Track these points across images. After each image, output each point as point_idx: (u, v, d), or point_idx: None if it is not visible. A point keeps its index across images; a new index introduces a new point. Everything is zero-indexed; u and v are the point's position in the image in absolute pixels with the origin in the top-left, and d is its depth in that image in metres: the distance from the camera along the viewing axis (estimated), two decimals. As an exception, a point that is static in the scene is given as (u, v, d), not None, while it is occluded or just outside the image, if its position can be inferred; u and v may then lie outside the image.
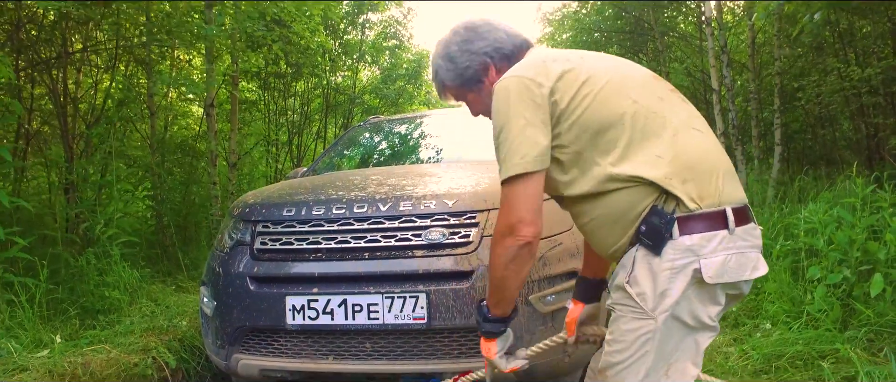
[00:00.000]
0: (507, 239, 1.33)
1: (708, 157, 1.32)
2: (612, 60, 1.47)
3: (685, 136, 1.32)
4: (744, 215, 1.31)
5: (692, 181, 1.27)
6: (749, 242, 1.30)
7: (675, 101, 1.41)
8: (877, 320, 2.75)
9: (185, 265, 4.54)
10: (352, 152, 4.32)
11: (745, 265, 1.28)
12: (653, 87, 1.40)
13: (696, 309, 1.27)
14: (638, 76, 1.42)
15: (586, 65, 1.38)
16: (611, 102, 1.32)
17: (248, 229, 2.50)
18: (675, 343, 1.28)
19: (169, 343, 2.86)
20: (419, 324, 2.16)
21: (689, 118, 1.38)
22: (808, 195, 4.65)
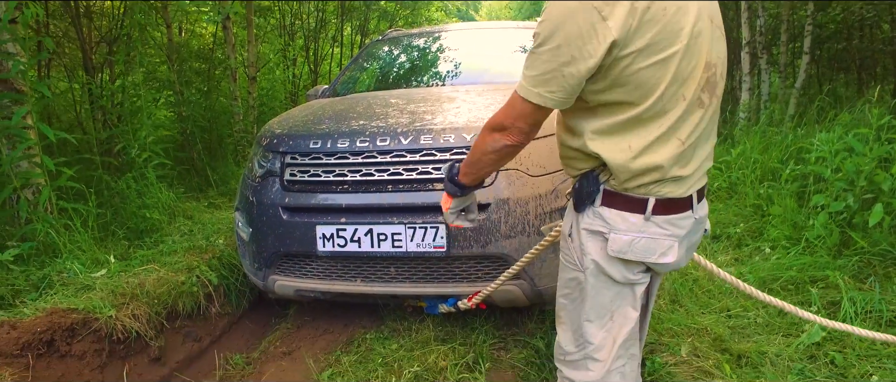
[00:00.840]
0: (497, 134, 1.39)
1: (669, 165, 1.31)
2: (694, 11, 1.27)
3: (668, 145, 1.30)
4: (669, 207, 1.35)
5: (633, 171, 1.31)
6: (666, 231, 1.35)
7: (710, 106, 1.34)
8: (870, 249, 2.90)
9: (214, 182, 4.77)
10: (371, 68, 4.36)
11: (652, 250, 1.35)
12: (708, 78, 1.31)
13: (621, 270, 1.38)
14: (704, 56, 1.29)
15: (670, 7, 1.22)
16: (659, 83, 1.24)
17: (277, 159, 2.65)
18: (612, 295, 1.41)
19: (209, 262, 3.12)
20: (439, 252, 2.36)
21: (693, 131, 1.32)
22: (827, 116, 4.66)
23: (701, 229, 1.47)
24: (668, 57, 1.22)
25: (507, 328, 2.69)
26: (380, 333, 2.68)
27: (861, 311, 2.54)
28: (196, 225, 3.70)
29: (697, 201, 1.40)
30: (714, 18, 1.33)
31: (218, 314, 3.07)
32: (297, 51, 8.38)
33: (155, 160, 3.82)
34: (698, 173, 1.39)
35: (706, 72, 1.29)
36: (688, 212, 1.38)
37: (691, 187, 1.37)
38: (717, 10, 1.36)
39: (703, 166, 1.40)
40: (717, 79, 1.34)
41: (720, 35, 1.35)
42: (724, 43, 1.37)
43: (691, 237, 1.44)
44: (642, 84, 1.23)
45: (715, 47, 1.31)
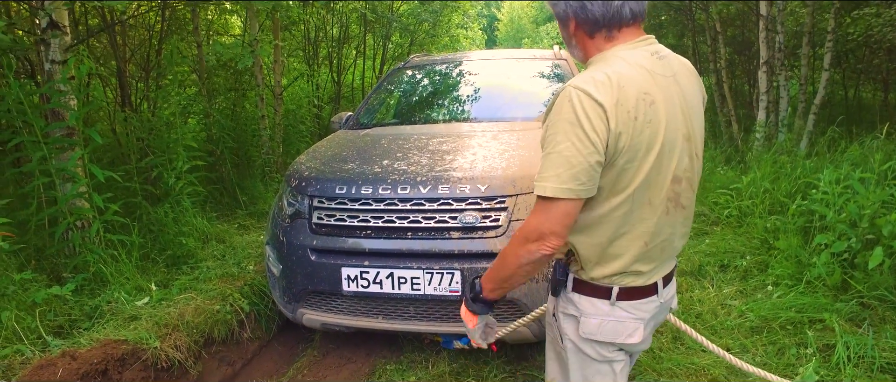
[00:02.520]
0: (533, 245, 1.34)
1: (631, 263, 1.41)
2: (676, 120, 1.36)
3: (633, 245, 1.40)
4: (633, 294, 1.44)
5: (599, 265, 1.42)
6: (631, 315, 1.45)
7: (676, 215, 1.43)
8: (868, 293, 3.02)
9: (243, 202, 5.03)
10: (393, 96, 4.55)
11: (619, 332, 1.45)
12: (675, 190, 1.40)
13: (598, 349, 1.48)
14: (672, 170, 1.37)
15: (655, 121, 1.32)
16: (628, 186, 1.34)
17: (306, 201, 2.87)
18: (592, 372, 1.51)
19: (241, 289, 3.37)
20: (454, 296, 2.56)
21: (657, 234, 1.41)
22: (838, 147, 4.74)
23: (666, 310, 1.58)
24: (643, 164, 1.32)
25: (516, 363, 2.88)
26: (400, 364, 2.88)
27: (854, 356, 2.67)
28: (228, 249, 3.96)
29: (664, 286, 1.50)
30: (692, 138, 1.41)
31: (249, 339, 3.31)
32: (320, 62, 8.64)
33: (189, 188, 4.08)
34: (662, 265, 1.48)
35: (674, 184, 1.39)
36: (652, 297, 1.48)
37: (653, 276, 1.46)
38: (696, 131, 1.43)
39: (667, 260, 1.50)
40: (684, 193, 1.42)
41: (694, 155, 1.43)
42: (697, 163, 1.45)
43: (657, 318, 1.55)
44: (613, 184, 1.33)
45: (684, 164, 1.40)
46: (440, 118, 3.99)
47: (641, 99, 1.29)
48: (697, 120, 1.44)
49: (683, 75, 1.43)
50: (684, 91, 1.40)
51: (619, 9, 1.35)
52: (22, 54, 3.39)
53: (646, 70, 1.34)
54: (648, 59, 1.37)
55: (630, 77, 1.30)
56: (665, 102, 1.33)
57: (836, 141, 4.93)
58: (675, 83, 1.39)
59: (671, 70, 1.40)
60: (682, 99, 1.39)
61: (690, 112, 1.41)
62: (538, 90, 4.07)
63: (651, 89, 1.31)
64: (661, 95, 1.33)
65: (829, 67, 6.82)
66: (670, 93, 1.36)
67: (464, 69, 4.58)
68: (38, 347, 2.63)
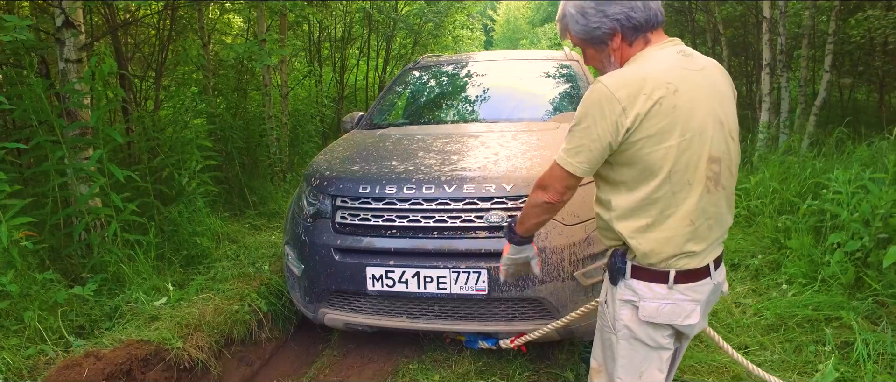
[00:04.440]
0: (539, 192, 1.65)
1: (681, 244, 1.51)
2: (704, 107, 1.48)
3: (679, 226, 1.50)
4: (689, 276, 1.54)
5: (652, 248, 1.52)
6: (688, 297, 1.55)
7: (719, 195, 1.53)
8: (882, 291, 3.06)
9: (253, 203, 5.02)
10: (406, 97, 4.55)
11: (677, 314, 1.55)
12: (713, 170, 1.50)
13: (652, 334, 1.59)
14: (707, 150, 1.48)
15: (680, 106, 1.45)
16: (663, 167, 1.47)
17: (328, 201, 2.87)
18: (642, 357, 1.61)
19: (258, 289, 3.36)
20: (480, 295, 2.57)
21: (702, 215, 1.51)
22: (845, 148, 4.79)
23: (719, 292, 1.67)
24: (671, 146, 1.45)
25: (539, 361, 2.89)
26: (422, 364, 2.89)
27: (874, 353, 2.71)
28: (241, 249, 3.95)
29: (715, 269, 1.60)
30: (725, 123, 1.53)
31: (267, 339, 3.31)
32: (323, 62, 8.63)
33: (202, 188, 4.07)
34: (713, 246, 1.58)
35: (711, 163, 1.49)
36: (707, 279, 1.58)
37: (706, 258, 1.56)
38: (729, 117, 1.56)
39: (717, 241, 1.60)
40: (723, 173, 1.53)
41: (730, 138, 1.55)
42: (733, 145, 1.57)
43: (711, 300, 1.66)
44: (649, 167, 1.48)
45: (720, 146, 1.51)
46: (457, 119, 3.99)
47: (665, 88, 1.44)
48: (730, 108, 1.57)
49: (711, 70, 1.58)
50: (714, 82, 1.55)
51: (655, 12, 1.55)
52: (39, 53, 3.37)
53: (672, 64, 1.50)
54: (675, 56, 1.53)
55: (655, 71, 1.47)
56: (691, 91, 1.47)
57: (843, 142, 4.99)
58: (703, 76, 1.52)
59: (698, 65, 1.54)
60: (711, 88, 1.53)
61: (722, 100, 1.55)
62: (552, 91, 4.09)
63: (674, 80, 1.46)
64: (687, 85, 1.47)
65: (829, 69, 6.91)
66: (697, 83, 1.49)
67: (476, 70, 4.58)
68: (61, 347, 2.61)
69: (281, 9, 5.54)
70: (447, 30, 10.57)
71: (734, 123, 1.58)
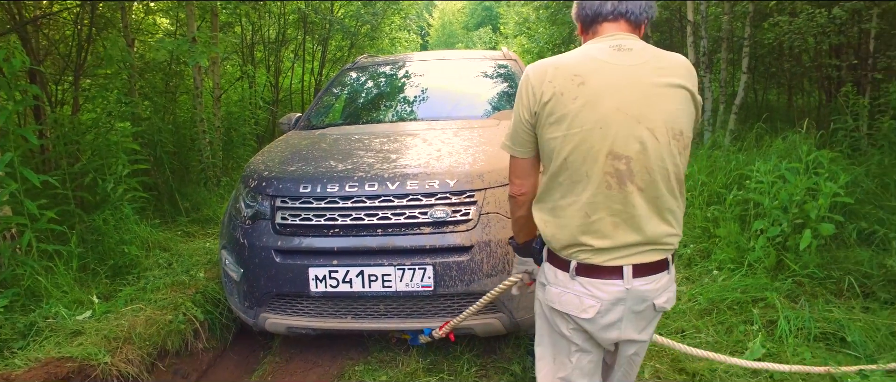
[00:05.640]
0: (509, 186, 1.71)
1: (576, 235, 1.52)
2: (613, 101, 1.45)
3: (574, 217, 1.51)
4: (591, 272, 1.53)
5: (552, 234, 1.56)
6: (589, 292, 1.54)
7: (628, 193, 1.48)
8: (800, 271, 3.27)
9: (185, 209, 4.79)
10: (344, 98, 4.48)
11: (575, 306, 1.55)
12: (616, 167, 1.47)
13: (556, 321, 1.63)
14: (606, 146, 1.46)
15: (582, 98, 1.45)
16: (558, 154, 1.50)
17: (267, 202, 2.78)
18: (552, 341, 1.69)
19: (194, 297, 3.20)
20: (426, 292, 2.55)
21: (602, 210, 1.49)
22: (763, 142, 5.11)
23: (645, 302, 1.56)
24: (567, 135, 1.48)
25: (487, 356, 2.90)
26: (368, 364, 2.84)
27: (794, 328, 2.89)
28: (174, 257, 3.76)
29: (636, 275, 1.52)
30: (643, 120, 1.45)
31: (204, 350, 3.16)
32: (257, 65, 8.37)
33: (129, 194, 3.85)
34: (629, 249, 1.50)
35: (613, 160, 1.45)
36: (615, 280, 1.52)
37: (615, 258, 1.50)
38: (654, 115, 1.46)
39: (635, 245, 1.50)
40: (636, 172, 1.46)
41: (652, 137, 1.46)
42: (655, 145, 1.46)
43: (634, 308, 1.56)
44: (549, 153, 1.54)
45: (629, 144, 1.45)
46: (397, 118, 3.97)
47: (570, 78, 1.48)
48: (661, 106, 1.47)
49: (651, 67, 1.49)
50: (643, 79, 1.47)
51: (600, 7, 1.56)
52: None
53: (592, 58, 1.51)
54: (606, 50, 1.52)
55: (570, 62, 1.51)
56: (601, 85, 1.47)
57: (761, 136, 5.31)
58: (629, 71, 1.48)
59: (630, 61, 1.49)
60: (632, 84, 1.47)
61: (649, 97, 1.46)
62: (491, 90, 4.14)
63: (585, 72, 1.48)
64: (598, 79, 1.47)
65: (746, 70, 7.35)
66: (613, 78, 1.47)
67: (415, 70, 4.58)
68: (-33, 370, 2.39)
69: (212, 7, 5.33)
70: (384, 32, 10.50)
71: (662, 123, 1.46)
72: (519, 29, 14.33)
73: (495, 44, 24.68)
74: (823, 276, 3.35)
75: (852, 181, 4.09)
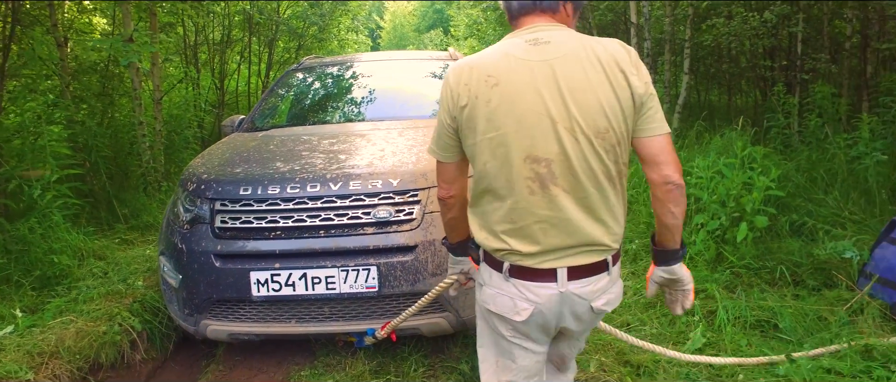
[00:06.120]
0: (437, 192, 1.67)
1: (503, 238, 1.49)
2: (527, 101, 1.40)
3: (501, 221, 1.48)
4: (524, 274, 1.49)
5: (483, 235, 1.54)
6: (522, 294, 1.49)
7: (552, 197, 1.43)
8: (737, 262, 3.40)
9: (123, 216, 4.59)
10: (289, 99, 4.40)
11: (509, 308, 1.51)
12: (536, 171, 1.42)
13: (493, 321, 1.59)
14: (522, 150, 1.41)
15: (496, 100, 1.41)
16: (476, 160, 1.48)
17: (206, 205, 2.69)
18: (492, 342, 1.64)
19: (131, 307, 3.07)
20: (371, 292, 2.52)
21: (528, 216, 1.45)
22: (703, 139, 5.29)
23: (584, 305, 1.51)
24: (484, 140, 1.43)
25: (435, 356, 2.89)
26: (315, 369, 2.78)
27: (732, 317, 3.00)
28: (110, 266, 3.60)
29: (571, 278, 1.47)
30: (561, 120, 1.39)
31: (143, 361, 3.03)
32: (201, 67, 8.13)
33: (60, 201, 3.66)
34: (563, 252, 1.46)
35: (532, 164, 1.40)
36: (549, 284, 1.47)
37: (547, 261, 1.46)
38: (574, 113, 1.38)
39: (569, 248, 1.46)
40: (559, 175, 1.41)
41: (572, 138, 1.39)
42: (575, 146, 1.39)
43: (575, 311, 1.52)
44: (471, 158, 1.51)
45: (548, 146, 1.39)
46: (342, 119, 3.93)
47: (484, 80, 1.42)
48: (576, 105, 1.38)
49: (572, 60, 1.40)
50: (561, 75, 1.39)
51: (510, 3, 1.51)
52: None
53: (507, 55, 1.43)
54: (520, 46, 1.44)
55: (485, 61, 1.45)
56: (515, 84, 1.40)
57: (702, 134, 5.51)
58: (548, 67, 1.39)
59: (547, 55, 1.41)
60: (551, 82, 1.39)
61: (567, 95, 1.38)
62: (436, 89, 4.12)
63: (498, 72, 1.41)
64: (512, 78, 1.40)
65: (688, 71, 7.62)
66: (527, 76, 1.40)
67: (361, 70, 4.54)
68: None
69: (149, 7, 5.14)
70: (332, 34, 10.37)
71: (582, 122, 1.38)
72: (469, 31, 14.44)
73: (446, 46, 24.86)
74: (759, 267, 3.49)
75: (784, 176, 4.29)
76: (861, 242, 3.52)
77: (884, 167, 4.28)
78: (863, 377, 2.34)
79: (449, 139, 1.53)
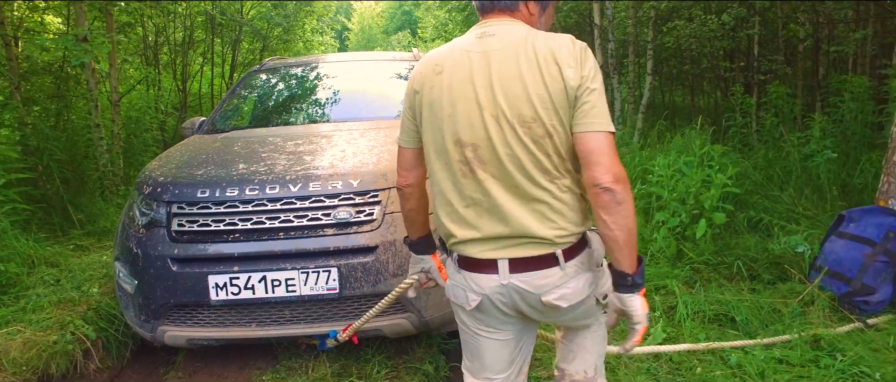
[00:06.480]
0: (397, 180, 1.70)
1: (447, 225, 1.53)
2: (461, 88, 1.45)
3: (442, 207, 1.53)
4: (469, 265, 1.51)
5: (440, 223, 1.57)
6: (469, 286, 1.52)
7: (480, 181, 1.46)
8: (696, 259, 3.48)
9: (79, 221, 4.45)
10: (251, 101, 4.34)
11: (460, 298, 1.56)
12: (465, 154, 1.46)
13: (457, 312, 1.63)
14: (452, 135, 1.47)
15: (438, 86, 1.48)
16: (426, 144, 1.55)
17: (162, 208, 2.63)
18: (462, 330, 1.66)
19: (85, 314, 2.97)
20: (332, 294, 2.50)
21: (463, 199, 1.49)
22: (664, 138, 5.41)
23: (533, 297, 1.50)
24: (428, 126, 1.52)
25: (398, 357, 2.88)
26: (277, 373, 2.74)
27: (691, 312, 3.06)
28: (63, 273, 3.48)
29: (513, 270, 1.47)
30: (487, 106, 1.42)
31: (97, 371, 2.93)
32: (162, 69, 7.95)
33: (7, 206, 3.53)
34: (499, 241, 1.47)
35: (461, 147, 1.45)
36: (491, 275, 1.48)
37: (488, 251, 1.48)
38: (501, 100, 1.41)
39: (504, 237, 1.46)
40: (486, 160, 1.44)
41: (497, 125, 1.41)
42: (498, 133, 1.42)
43: (525, 298, 1.50)
44: (424, 144, 1.57)
45: (474, 131, 1.43)
46: (303, 120, 3.89)
47: (432, 69, 1.51)
48: (506, 93, 1.41)
49: (509, 52, 1.43)
50: (494, 65, 1.42)
51: (475, 3, 1.56)
52: None
53: (456, 48, 1.51)
54: (471, 39, 1.50)
55: (437, 52, 1.54)
56: (454, 72, 1.46)
57: (664, 134, 5.62)
58: (484, 58, 1.43)
59: (487, 47, 1.45)
60: (484, 71, 1.43)
61: (496, 84, 1.41)
62: (399, 90, 4.12)
63: (443, 61, 1.50)
64: (453, 67, 1.47)
65: (651, 72, 7.78)
66: (465, 65, 1.45)
67: (324, 71, 4.50)
68: None
69: (105, 6, 5.00)
70: (297, 35, 10.26)
71: (509, 110, 1.40)
72: (437, 32, 14.47)
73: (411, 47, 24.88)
74: (717, 262, 3.58)
75: (742, 174, 4.41)
76: (812, 236, 3.64)
77: (834, 164, 4.44)
78: (811, 366, 2.42)
79: (409, 124, 1.59)
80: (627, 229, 1.39)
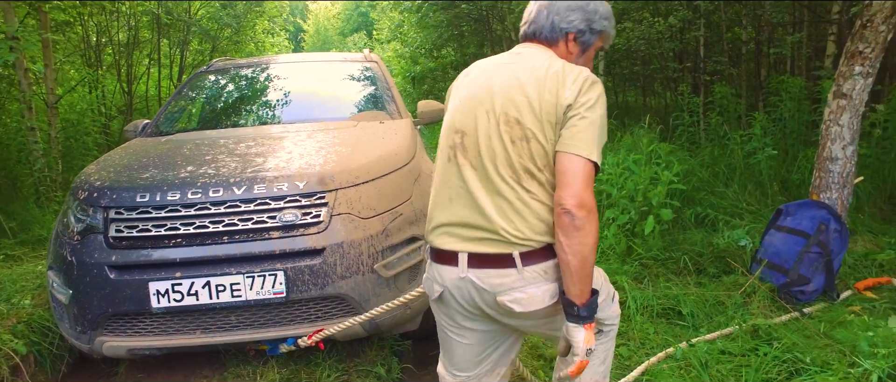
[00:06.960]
0: None
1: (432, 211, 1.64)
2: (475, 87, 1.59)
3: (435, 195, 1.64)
4: (437, 257, 1.61)
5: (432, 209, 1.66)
6: (434, 276, 1.63)
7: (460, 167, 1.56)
8: (645, 254, 3.56)
9: (10, 230, 4.22)
10: (197, 103, 4.22)
11: (429, 289, 1.67)
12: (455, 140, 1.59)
13: (433, 303, 1.70)
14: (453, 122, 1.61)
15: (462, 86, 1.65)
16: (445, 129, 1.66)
17: (99, 214, 2.52)
18: (439, 327, 1.75)
19: (14, 328, 2.81)
20: (279, 298, 2.44)
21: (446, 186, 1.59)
22: (615, 137, 5.52)
23: (489, 296, 1.53)
24: (447, 118, 1.67)
25: (349, 360, 2.83)
26: (224, 381, 2.66)
27: (640, 306, 3.13)
28: (-8, 285, 3.29)
29: (471, 265, 1.52)
30: (484, 102, 1.54)
31: (29, 386, 2.78)
32: (106, 70, 7.63)
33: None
34: (464, 229, 1.53)
35: (453, 134, 1.60)
36: (451, 267, 1.55)
37: (452, 241, 1.55)
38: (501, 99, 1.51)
39: (471, 226, 1.52)
40: (469, 148, 1.54)
41: (487, 120, 1.52)
42: (483, 125, 1.52)
43: (482, 296, 1.53)
44: None
45: (468, 121, 1.55)
46: (251, 122, 3.80)
47: (464, 74, 1.70)
48: (502, 94, 1.52)
49: (525, 68, 1.53)
50: (508, 75, 1.54)
51: (526, 31, 1.66)
52: None
53: (489, 59, 1.69)
54: (504, 55, 1.68)
55: (477, 63, 1.70)
56: (478, 77, 1.63)
57: (614, 133, 5.74)
58: (503, 68, 1.59)
59: (512, 61, 1.60)
60: (497, 77, 1.57)
61: (497, 87, 1.54)
62: (350, 91, 4.08)
63: (474, 68, 1.68)
64: (479, 72, 1.64)
65: (603, 73, 7.94)
66: (490, 72, 1.61)
67: (273, 72, 4.42)
68: None
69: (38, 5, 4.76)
70: (248, 36, 10.03)
71: (499, 106, 1.51)
72: (392, 34, 14.41)
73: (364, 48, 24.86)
74: (665, 257, 3.67)
75: (688, 171, 4.54)
76: (754, 230, 3.78)
77: (774, 161, 4.63)
78: (751, 355, 2.50)
79: None
80: (581, 257, 1.40)
